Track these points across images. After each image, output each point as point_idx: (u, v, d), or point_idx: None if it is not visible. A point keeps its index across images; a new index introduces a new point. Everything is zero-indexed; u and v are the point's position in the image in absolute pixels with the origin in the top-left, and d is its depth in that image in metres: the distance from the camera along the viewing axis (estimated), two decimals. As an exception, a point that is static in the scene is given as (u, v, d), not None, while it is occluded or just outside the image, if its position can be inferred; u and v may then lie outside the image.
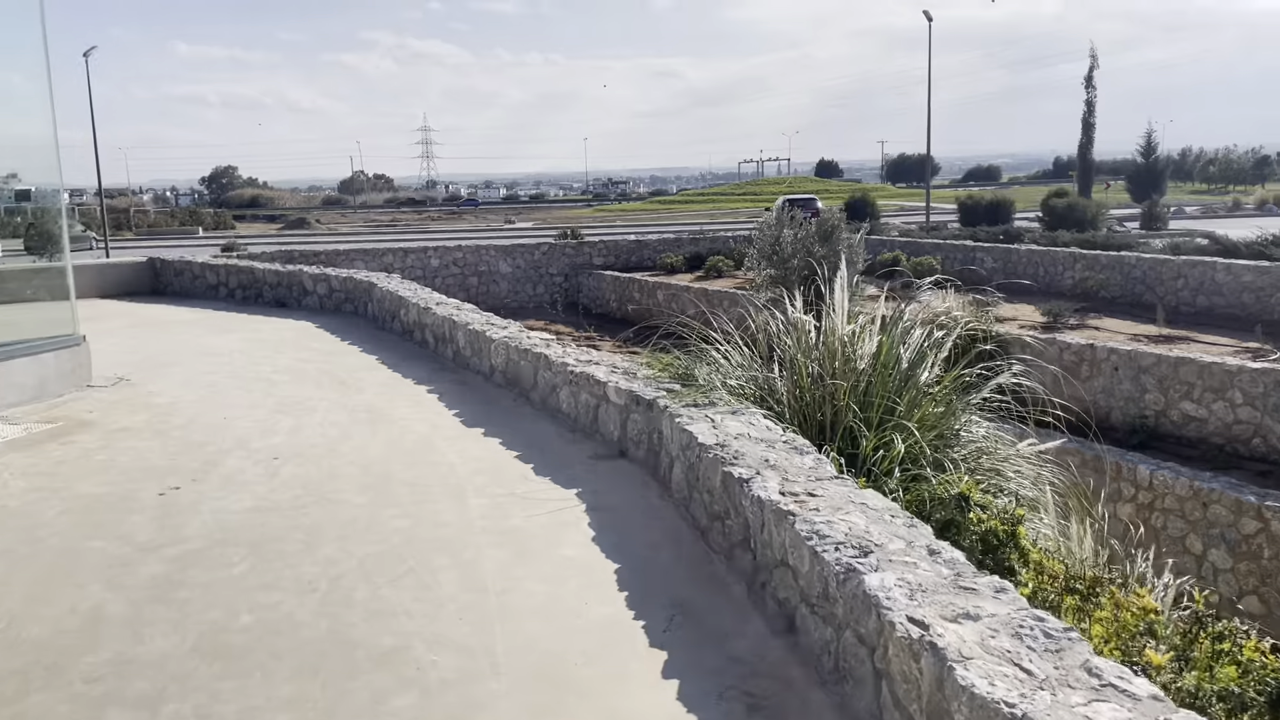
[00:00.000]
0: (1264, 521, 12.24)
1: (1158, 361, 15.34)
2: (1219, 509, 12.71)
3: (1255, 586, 12.48)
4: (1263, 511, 12.22)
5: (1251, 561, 12.47)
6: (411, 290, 10.98)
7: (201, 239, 58.00)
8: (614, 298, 30.69)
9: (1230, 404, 14.37)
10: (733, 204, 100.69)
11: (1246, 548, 12.48)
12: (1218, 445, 14.47)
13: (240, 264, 13.99)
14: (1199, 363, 14.77)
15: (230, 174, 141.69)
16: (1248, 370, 14.13)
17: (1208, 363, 14.63)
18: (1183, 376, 14.95)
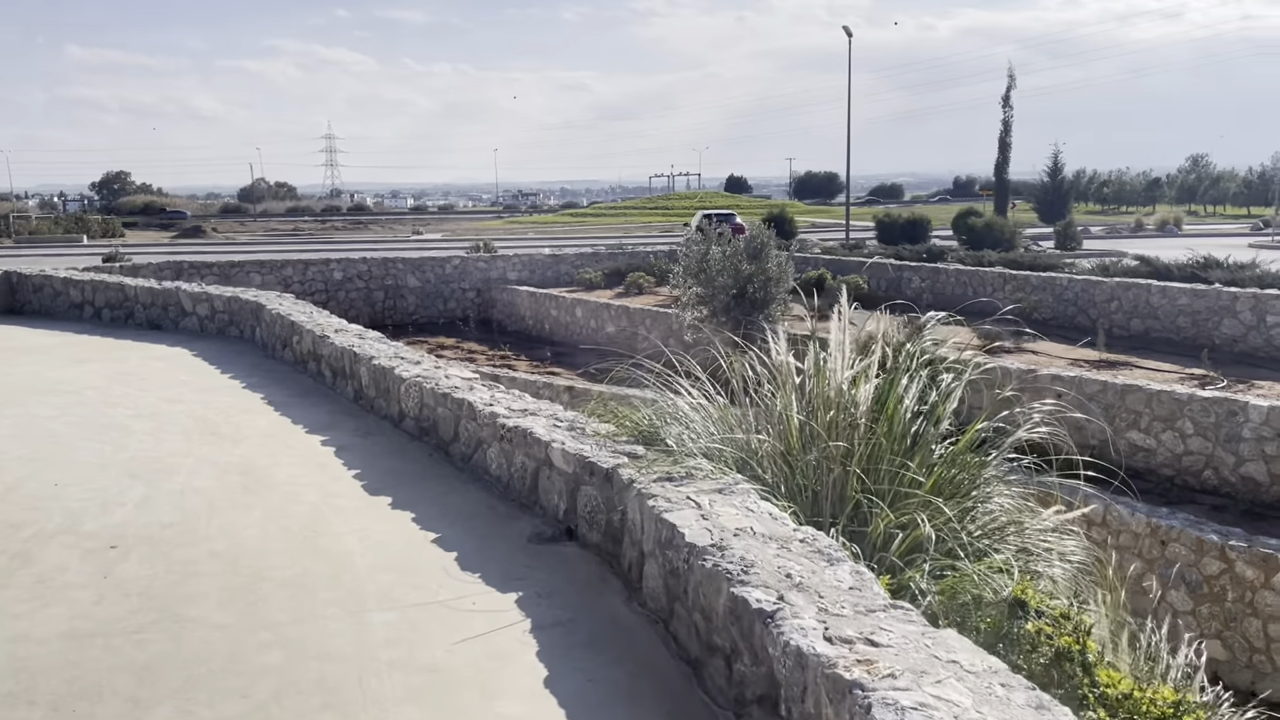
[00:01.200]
0: (1228, 562, 11.60)
1: (1103, 389, 14.73)
2: (1178, 547, 12.02)
3: (1218, 631, 11.84)
4: (1226, 551, 11.57)
5: (1214, 604, 11.83)
6: (306, 314, 9.51)
7: (85, 247, 54.40)
8: (530, 315, 29.34)
9: (1180, 434, 13.80)
10: (645, 218, 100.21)
11: (1209, 589, 11.82)
12: (1167, 477, 13.89)
13: (109, 280, 12.24)
14: (1147, 390, 14.20)
15: (123, 179, 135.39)
16: (1198, 399, 13.58)
17: (1156, 390, 14.07)
18: (1130, 405, 14.36)
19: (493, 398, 6.03)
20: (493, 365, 24.03)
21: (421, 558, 4.48)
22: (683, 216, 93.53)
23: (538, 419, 5.54)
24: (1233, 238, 45.54)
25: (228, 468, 5.85)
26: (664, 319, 24.08)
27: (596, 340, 26.53)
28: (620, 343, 25.71)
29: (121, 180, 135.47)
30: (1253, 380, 14.78)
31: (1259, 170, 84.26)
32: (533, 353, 26.01)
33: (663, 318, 24.14)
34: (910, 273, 24.53)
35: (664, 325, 24.08)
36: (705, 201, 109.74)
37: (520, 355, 25.78)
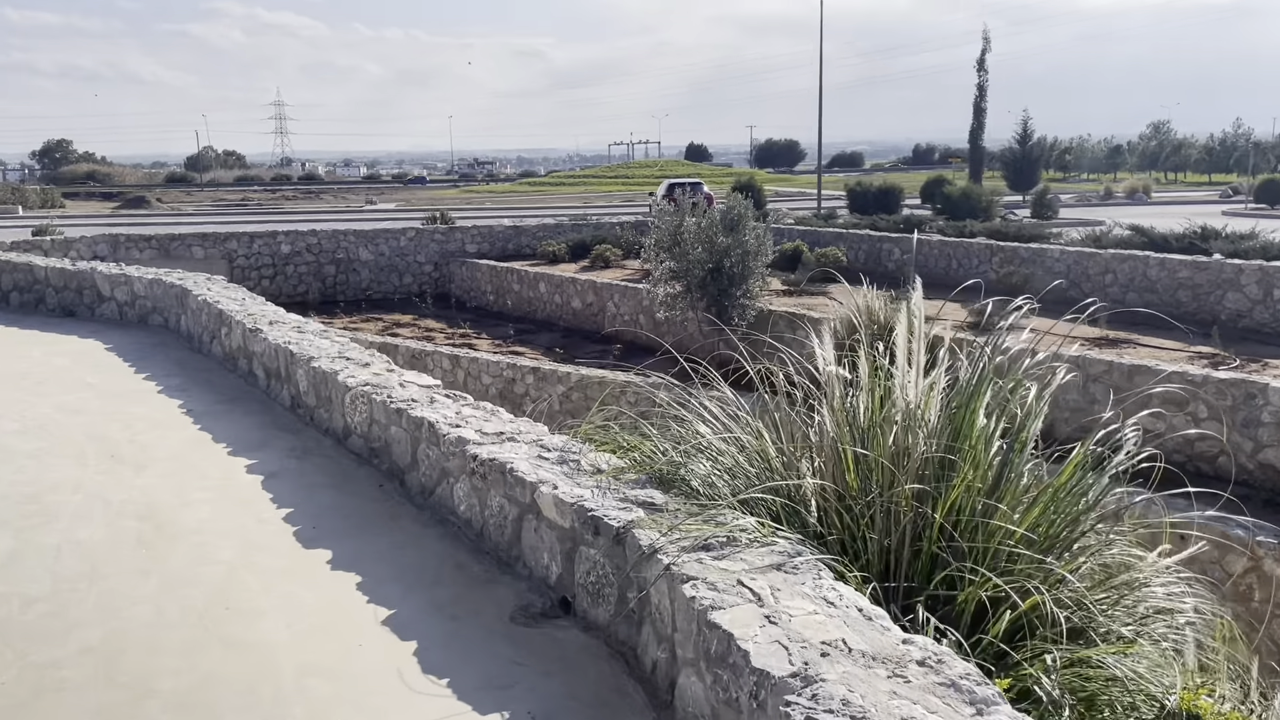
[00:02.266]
0: (1255, 559, 10.76)
1: (1109, 369, 13.84)
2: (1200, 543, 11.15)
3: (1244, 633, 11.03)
4: (1255, 548, 10.73)
5: (1239, 604, 11.01)
6: (238, 302, 8.20)
7: (20, 219, 51.79)
8: (491, 289, 28.02)
9: (1193, 418, 12.95)
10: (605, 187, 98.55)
11: (1234, 589, 10.99)
12: (1178, 464, 13.06)
13: (15, 260, 10.79)
14: (1155, 371, 13.31)
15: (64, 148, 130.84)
16: (1213, 380, 12.71)
17: (1168, 371, 13.17)
18: (1138, 386, 13.46)
19: (460, 415, 4.83)
20: (452, 344, 22.73)
21: (370, 652, 3.31)
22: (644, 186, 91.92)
23: (518, 447, 4.36)
24: (1203, 204, 45.19)
25: (124, 508, 4.60)
26: (633, 294, 22.91)
27: (561, 316, 25.33)
28: (587, 319, 24.48)
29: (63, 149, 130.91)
30: (1265, 359, 13.95)
31: (1219, 137, 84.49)
32: (495, 330, 24.74)
33: (632, 293, 22.97)
34: (890, 244, 23.53)
35: (634, 301, 22.92)
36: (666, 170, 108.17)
37: (481, 333, 24.50)
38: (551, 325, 25.11)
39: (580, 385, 17.95)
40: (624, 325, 23.11)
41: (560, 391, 18.34)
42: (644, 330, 22.40)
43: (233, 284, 9.25)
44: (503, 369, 19.22)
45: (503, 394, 19.26)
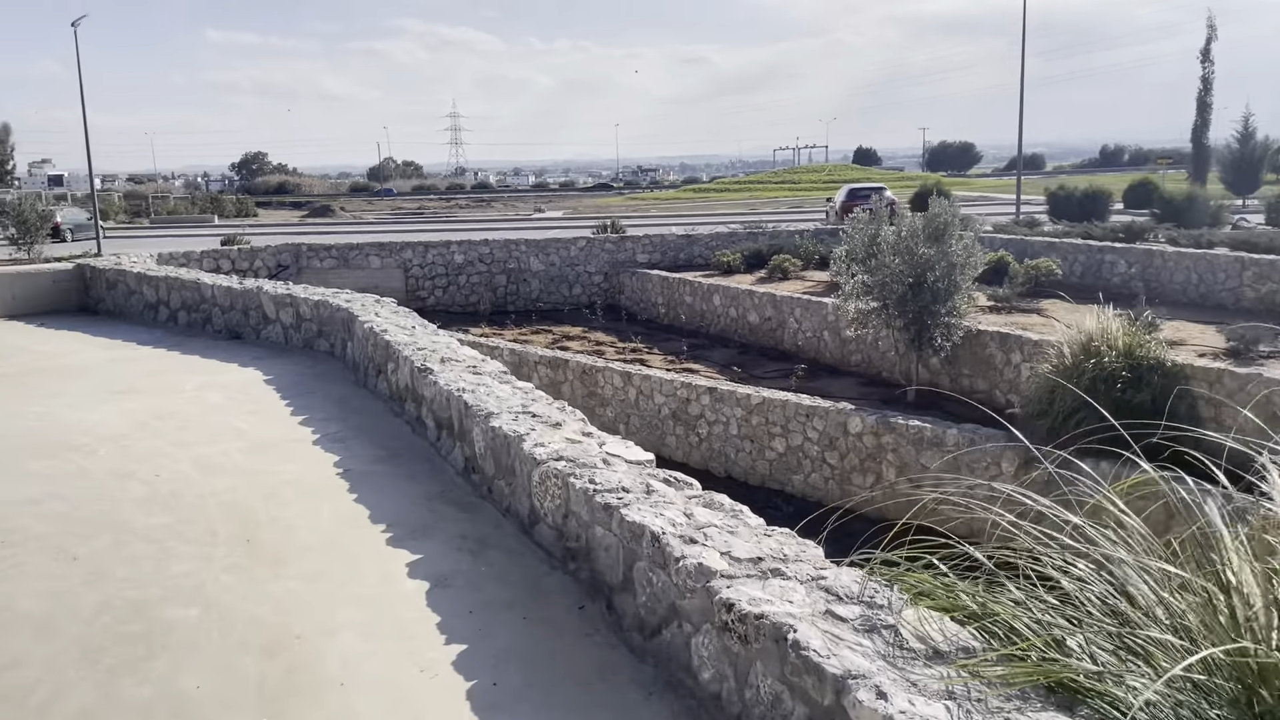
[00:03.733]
0: None
1: None
2: None
3: None
4: None
5: None
6: (406, 331, 7.12)
7: (215, 227, 54.62)
8: (662, 301, 26.85)
9: None
10: (770, 193, 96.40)
11: None
12: None
13: (185, 277, 10.22)
14: None
15: (260, 160, 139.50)
16: None
17: None
18: None
19: (691, 519, 3.42)
20: (623, 359, 21.64)
21: None
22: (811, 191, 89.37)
23: (792, 589, 2.89)
24: None
25: (248, 635, 3.42)
26: (816, 309, 21.19)
27: (737, 331, 23.86)
28: (765, 334, 22.89)
29: (259, 160, 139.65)
30: None
31: None
32: (667, 345, 23.51)
33: (815, 307, 21.25)
34: (1114, 255, 20.84)
35: (817, 316, 21.21)
36: (834, 175, 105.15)
37: (653, 348, 23.32)
38: (726, 340, 23.69)
39: (761, 408, 16.44)
40: (806, 342, 21.41)
41: (739, 415, 16.88)
42: (828, 348, 20.67)
43: (402, 308, 8.24)
44: (676, 388, 17.92)
45: (676, 415, 17.98)
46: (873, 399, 17.46)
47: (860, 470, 15.16)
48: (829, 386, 18.57)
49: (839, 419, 15.42)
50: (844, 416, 15.35)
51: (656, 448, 18.30)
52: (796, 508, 16.04)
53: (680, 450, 18.04)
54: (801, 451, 16.21)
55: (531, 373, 21.32)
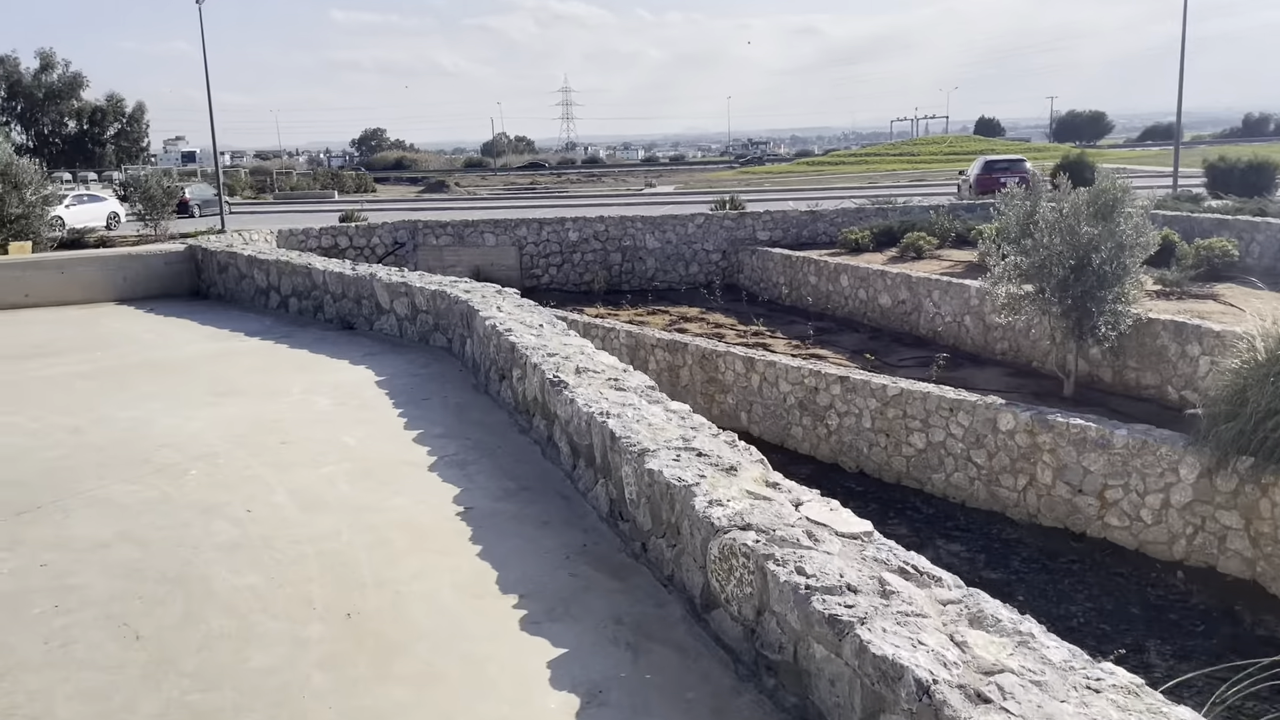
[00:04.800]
0: None
1: None
2: None
3: None
4: None
5: None
6: (534, 331, 6.19)
7: (335, 203, 55.48)
8: (784, 281, 25.54)
9: None
10: (888, 166, 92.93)
11: None
12: None
13: (296, 262, 9.56)
14: None
15: (379, 136, 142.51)
16: None
17: None
18: None
19: (973, 662, 2.33)
20: (744, 343, 20.50)
21: None
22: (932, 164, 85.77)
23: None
24: None
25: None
26: (957, 292, 19.59)
27: (866, 314, 22.41)
28: (898, 318, 21.38)
29: (377, 137, 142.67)
30: None
31: None
32: (790, 328, 22.24)
33: (955, 290, 19.66)
34: (1304, 235, 18.59)
35: (957, 299, 19.61)
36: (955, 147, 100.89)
37: (776, 331, 22.09)
38: (854, 324, 22.28)
39: (898, 400, 15.09)
40: (944, 328, 19.85)
41: (873, 406, 15.57)
42: (969, 334, 19.09)
43: (527, 301, 7.32)
44: (804, 375, 16.70)
45: (803, 404, 16.78)
46: (1023, 392, 15.92)
47: (1011, 471, 13.71)
48: (973, 377, 17.07)
49: (987, 414, 13.97)
50: (993, 412, 13.90)
51: (780, 438, 17.17)
52: (937, 509, 14.72)
53: (807, 442, 16.85)
54: (943, 448, 14.82)
55: (649, 356, 20.40)
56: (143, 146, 78.25)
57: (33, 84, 69.31)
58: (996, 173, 32.13)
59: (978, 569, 12.54)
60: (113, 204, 34.11)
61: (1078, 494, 12.71)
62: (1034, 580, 12.24)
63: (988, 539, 13.36)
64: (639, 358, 20.37)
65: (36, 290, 10.08)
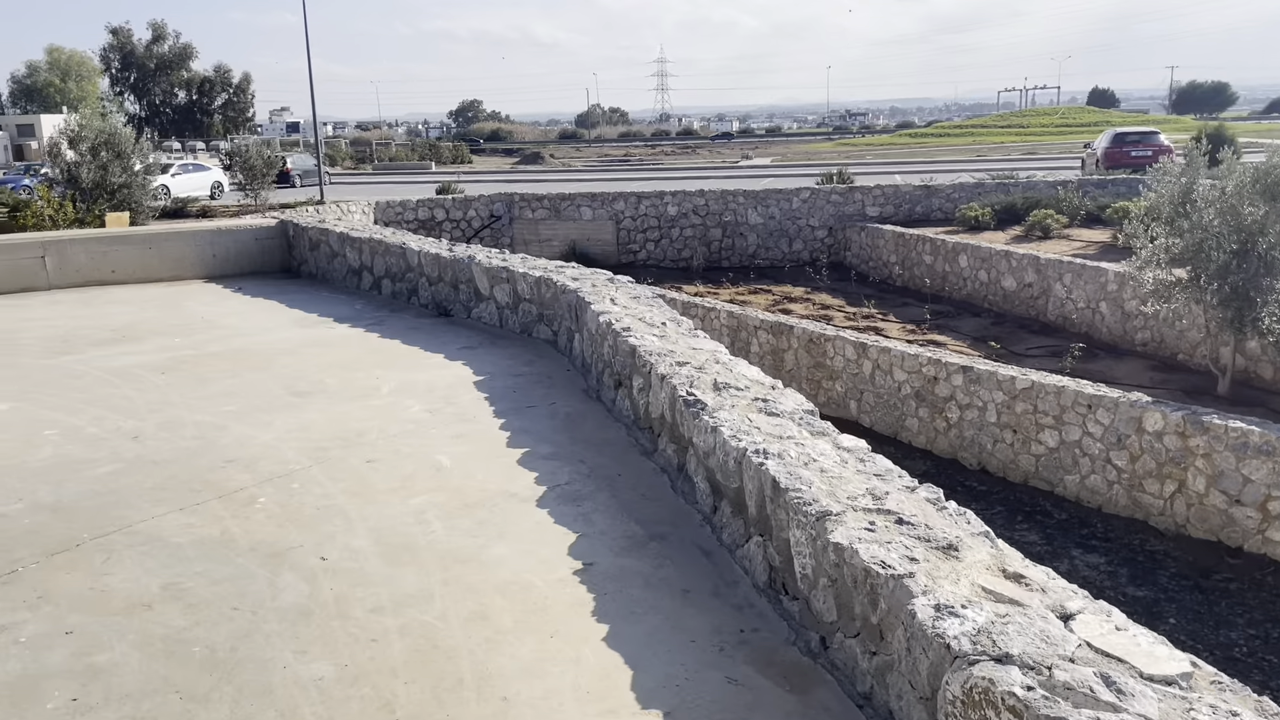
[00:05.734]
0: None
1: None
2: None
3: None
4: None
5: None
6: (655, 332, 5.26)
7: (433, 173, 55.55)
8: (896, 260, 24.15)
9: None
10: (996, 138, 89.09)
11: None
12: None
13: (390, 241, 8.82)
14: None
15: (475, 108, 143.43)
16: None
17: None
18: None
19: None
20: (855, 326, 19.29)
21: None
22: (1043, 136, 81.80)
23: None
24: None
25: None
26: (1092, 276, 18.01)
27: (987, 298, 20.92)
28: (1023, 303, 19.84)
29: (474, 108, 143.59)
30: None
31: None
32: (904, 311, 20.91)
33: (1090, 274, 18.07)
34: None
35: (1092, 284, 18.02)
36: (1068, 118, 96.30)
37: (888, 314, 20.79)
38: (974, 308, 20.81)
39: (1028, 394, 13.75)
40: (1078, 315, 18.29)
41: (999, 399, 14.26)
42: (1105, 322, 17.52)
43: (643, 289, 6.39)
44: (921, 364, 15.46)
45: (920, 394, 15.55)
46: (1170, 389, 14.41)
47: (1157, 476, 12.32)
48: (1112, 370, 15.59)
49: (1132, 413, 12.57)
50: (1138, 410, 12.49)
51: (895, 430, 16.01)
52: (1070, 514, 13.42)
53: (923, 435, 15.64)
54: (1079, 448, 13.47)
55: (751, 338, 19.36)
56: (249, 117, 79.89)
57: (145, 55, 71.22)
58: (1128, 146, 29.88)
59: (1120, 584, 11.33)
60: (217, 173, 34.41)
61: (1235, 504, 11.33)
62: (1185, 600, 10.97)
63: (1130, 550, 12.09)
64: (741, 340, 19.37)
65: (123, 266, 9.60)
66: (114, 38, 71.25)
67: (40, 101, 71.48)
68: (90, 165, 18.44)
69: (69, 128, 19.71)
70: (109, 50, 71.68)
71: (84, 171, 18.34)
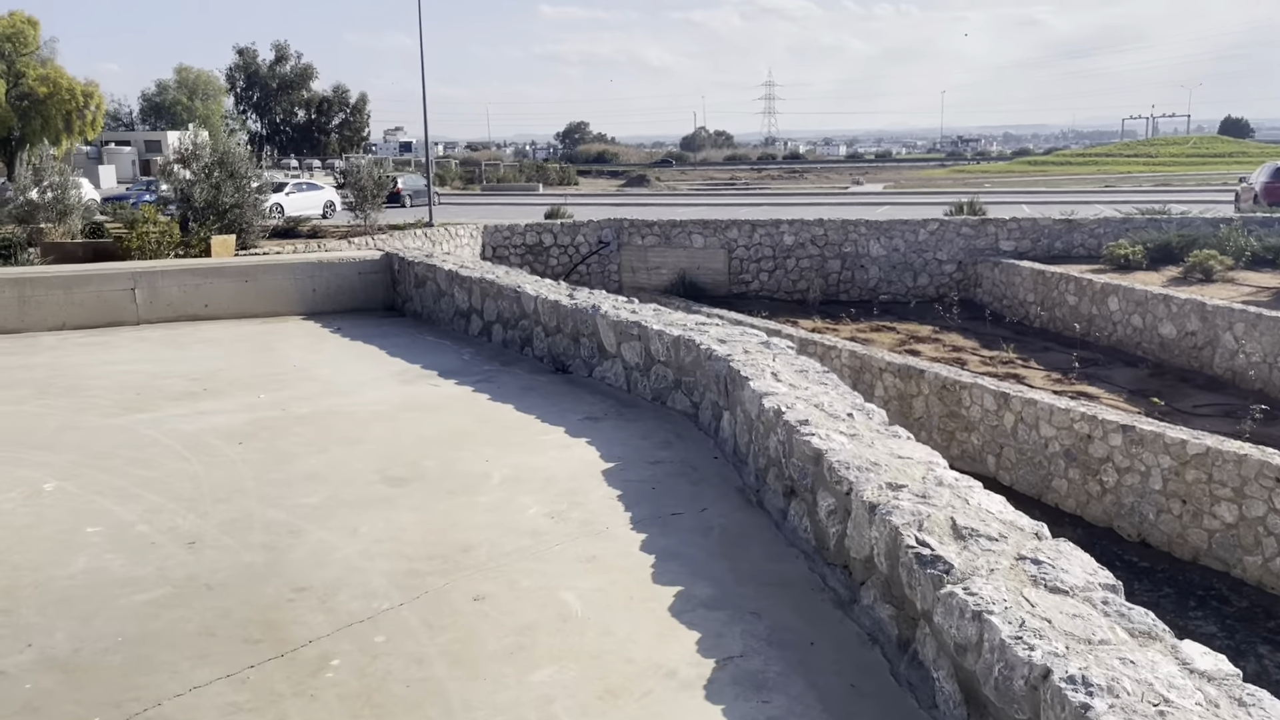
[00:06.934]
0: None
1: None
2: None
3: None
4: None
5: None
6: (841, 423, 4.04)
7: (540, 195, 55.38)
8: (1034, 300, 22.38)
9: None
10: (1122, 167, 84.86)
11: None
12: None
13: (503, 282, 7.82)
14: None
15: (581, 129, 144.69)
16: None
17: None
18: None
19: None
20: (993, 372, 17.65)
21: None
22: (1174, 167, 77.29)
23: None
24: None
25: None
26: (1269, 326, 16.07)
27: (1141, 345, 19.00)
28: (1184, 353, 17.88)
29: (580, 130, 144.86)
30: None
31: None
32: (1045, 356, 19.17)
33: (1267, 323, 16.13)
34: None
35: (1270, 335, 16.07)
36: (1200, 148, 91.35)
37: (1029, 359, 19.07)
38: (1125, 356, 18.93)
39: (1202, 461, 12.00)
40: (1252, 369, 16.31)
41: (1165, 465, 12.52)
42: (1286, 379, 15.59)
43: (811, 362, 5.17)
44: (1073, 419, 13.81)
45: (1070, 454, 13.90)
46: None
47: (1358, 565, 10.48)
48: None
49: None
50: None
51: (1039, 491, 14.40)
52: (1252, 602, 11.66)
53: (1072, 499, 14.01)
54: (1263, 526, 11.71)
55: (876, 381, 17.90)
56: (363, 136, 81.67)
57: (268, 75, 73.46)
58: (1281, 179, 27.34)
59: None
60: (329, 193, 34.55)
61: None
62: None
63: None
64: (864, 382, 17.94)
65: (217, 301, 8.87)
66: (240, 58, 73.74)
67: (168, 118, 74.34)
68: (204, 185, 18.21)
69: (183, 146, 19.60)
70: (234, 70, 74.23)
71: (197, 190, 18.12)
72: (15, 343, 7.98)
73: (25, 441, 5.25)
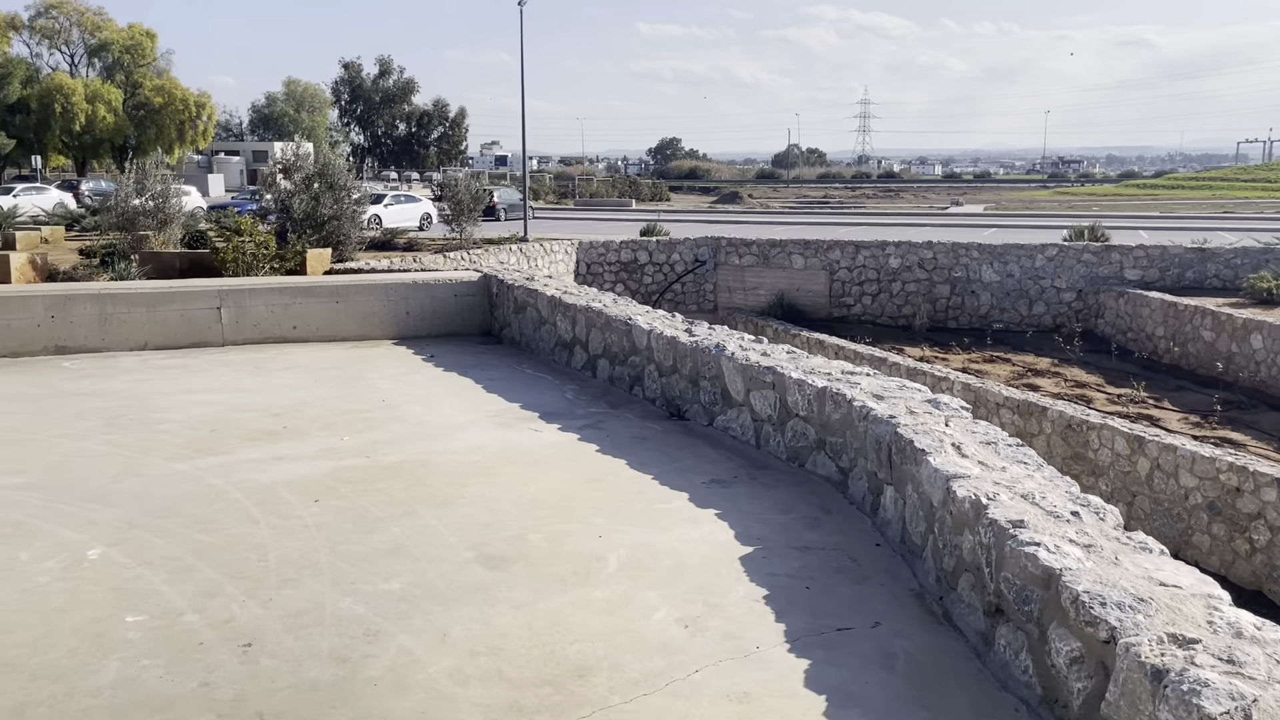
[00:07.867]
0: None
1: None
2: None
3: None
4: None
5: None
6: (1068, 526, 3.09)
7: (633, 211, 54.91)
8: (1164, 334, 20.76)
9: None
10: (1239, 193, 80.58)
11: None
12: None
13: (612, 313, 7.01)
14: None
15: (674, 146, 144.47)
16: None
17: None
18: None
19: None
20: (1123, 412, 16.19)
21: None
22: (1305, 191, 73.00)
23: None
24: None
25: None
26: None
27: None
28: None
29: (673, 146, 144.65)
30: None
31: None
32: (1179, 397, 17.60)
33: None
34: None
35: None
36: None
37: (1161, 399, 17.52)
38: (1271, 399, 17.25)
39: (1377, 526, 10.58)
40: None
41: (1329, 526, 11.10)
42: None
43: (997, 433, 4.22)
44: (1220, 469, 12.42)
45: (1214, 507, 12.49)
46: None
47: None
48: None
49: None
50: None
51: (1177, 546, 13.01)
52: None
53: (1216, 556, 12.60)
54: None
55: (991, 417, 16.54)
56: (461, 150, 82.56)
57: (371, 88, 74.81)
58: None
59: None
60: (426, 205, 34.48)
61: None
62: None
63: None
64: (978, 416, 16.67)
65: (306, 322, 8.28)
66: (345, 72, 75.28)
67: (276, 130, 76.30)
68: (303, 196, 17.98)
69: (285, 156, 19.44)
70: (340, 83, 75.81)
71: (296, 201, 17.89)
72: (94, 363, 7.51)
73: (79, 490, 4.62)
